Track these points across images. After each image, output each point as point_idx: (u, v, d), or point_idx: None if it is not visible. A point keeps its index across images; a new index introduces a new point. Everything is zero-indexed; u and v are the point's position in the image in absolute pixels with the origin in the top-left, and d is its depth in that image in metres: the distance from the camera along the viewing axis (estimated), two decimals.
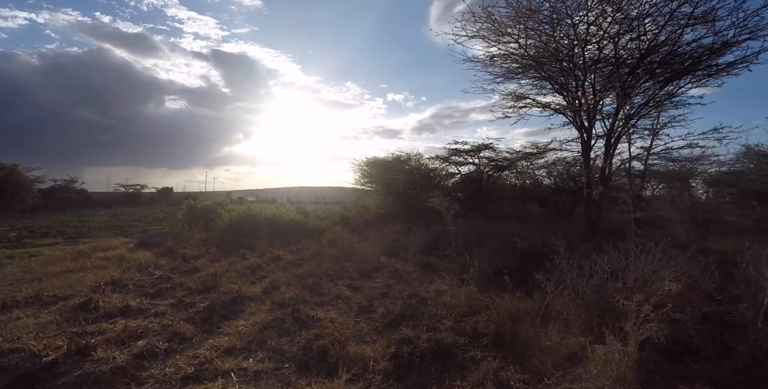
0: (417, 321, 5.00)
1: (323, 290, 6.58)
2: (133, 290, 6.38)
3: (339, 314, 5.39)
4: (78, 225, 19.33)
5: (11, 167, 16.87)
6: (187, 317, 5.18)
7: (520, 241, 7.32)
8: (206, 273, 7.27)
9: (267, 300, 5.90)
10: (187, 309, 5.54)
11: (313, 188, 76.54)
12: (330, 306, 5.79)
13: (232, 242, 10.65)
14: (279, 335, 4.63)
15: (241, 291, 6.19)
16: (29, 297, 5.92)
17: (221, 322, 5.11)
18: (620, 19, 8.78)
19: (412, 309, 5.37)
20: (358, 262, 8.43)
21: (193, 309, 5.50)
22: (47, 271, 8.15)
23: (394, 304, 5.68)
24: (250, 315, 5.38)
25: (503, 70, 11.10)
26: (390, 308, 5.50)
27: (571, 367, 3.58)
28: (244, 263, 8.16)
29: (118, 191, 41.12)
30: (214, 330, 4.85)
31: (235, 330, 4.78)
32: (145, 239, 11.13)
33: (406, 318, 5.13)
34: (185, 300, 5.91)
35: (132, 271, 7.45)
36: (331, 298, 6.16)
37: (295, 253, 9.61)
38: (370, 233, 11.33)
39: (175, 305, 5.74)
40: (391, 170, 14.99)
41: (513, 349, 4.06)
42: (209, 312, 5.40)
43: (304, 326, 4.85)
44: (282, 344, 4.38)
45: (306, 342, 4.33)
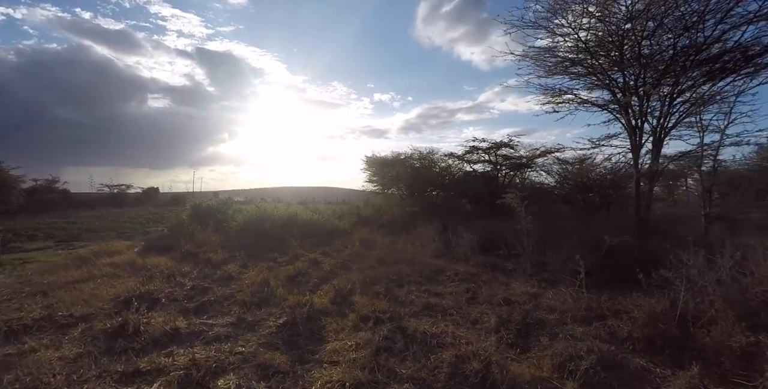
0: (546, 329, 4.28)
1: (400, 298, 5.52)
2: (169, 306, 5.06)
3: (455, 326, 4.36)
4: (66, 227, 17.52)
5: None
6: (265, 341, 3.95)
7: (608, 238, 6.33)
8: (251, 282, 5.99)
9: (348, 313, 4.78)
10: (255, 330, 4.30)
11: (299, 188, 74.74)
12: (428, 317, 4.75)
13: (253, 244, 9.32)
14: (400, 359, 3.53)
15: (305, 302, 4.96)
16: (40, 319, 4.54)
17: (310, 345, 3.95)
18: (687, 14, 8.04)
19: (528, 317, 4.54)
20: (411, 265, 7.32)
21: (264, 330, 4.26)
22: (49, 282, 6.71)
23: (500, 311, 4.79)
24: (338, 332, 4.27)
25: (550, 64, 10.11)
26: (503, 316, 4.59)
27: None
28: (285, 269, 6.90)
29: (102, 192, 38.67)
30: (309, 356, 3.67)
31: (339, 356, 3.63)
32: (155, 242, 9.69)
33: (531, 326, 4.36)
34: (246, 318, 4.64)
35: (157, 281, 6.09)
36: (419, 308, 5.10)
37: (331, 255, 8.39)
38: (401, 233, 10.18)
39: (236, 324, 4.47)
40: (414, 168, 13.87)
41: (665, 352, 3.72)
42: (289, 333, 4.18)
43: (424, 345, 3.79)
44: (417, 371, 3.28)
45: (448, 365, 3.31)
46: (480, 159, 15.28)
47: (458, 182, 14.22)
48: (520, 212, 7.30)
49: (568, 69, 10.25)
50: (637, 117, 9.55)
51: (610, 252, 6.51)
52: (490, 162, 15.11)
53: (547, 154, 14.56)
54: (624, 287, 6.07)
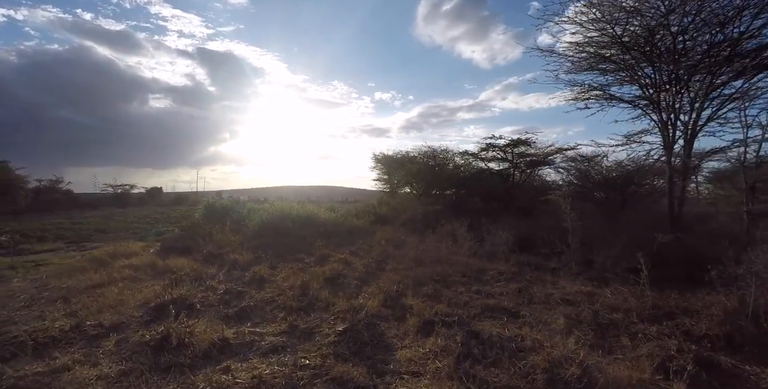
0: (620, 329, 4.14)
1: (453, 299, 5.15)
2: (205, 312, 4.59)
3: (526, 329, 4.06)
4: (74, 228, 16.96)
5: (0, 164, 14.42)
6: (329, 351, 3.49)
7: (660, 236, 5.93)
8: (289, 285, 5.53)
9: (408, 317, 4.40)
10: (311, 339, 3.86)
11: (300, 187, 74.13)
12: (491, 320, 4.42)
13: (275, 244, 8.83)
14: (484, 366, 3.18)
15: (359, 307, 4.53)
16: (67, 329, 4.06)
17: (379, 354, 3.54)
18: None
19: (599, 318, 4.37)
20: (449, 265, 6.91)
21: (323, 339, 3.81)
22: (68, 286, 6.23)
23: (565, 312, 4.61)
24: (402, 339, 3.91)
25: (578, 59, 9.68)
26: (571, 316, 4.43)
27: None
28: (319, 270, 6.41)
29: (106, 192, 37.98)
30: (383, 367, 3.27)
31: (417, 366, 3.27)
32: (171, 243, 9.19)
33: (604, 326, 4.22)
34: (299, 325, 4.18)
35: (186, 285, 5.61)
36: (479, 310, 4.74)
37: (360, 255, 7.93)
38: (425, 232, 9.72)
39: (289, 333, 4.01)
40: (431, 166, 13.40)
41: (745, 350, 3.62)
42: (352, 341, 3.74)
43: (503, 350, 3.45)
44: (510, 379, 2.94)
45: (543, 371, 3.00)
46: (495, 157, 14.85)
47: (475, 180, 13.76)
48: (565, 209, 6.88)
49: (597, 65, 9.82)
50: (669, 113, 9.13)
51: (659, 250, 6.12)
52: (506, 160, 14.67)
53: (562, 151, 14.16)
54: (679, 284, 5.78)
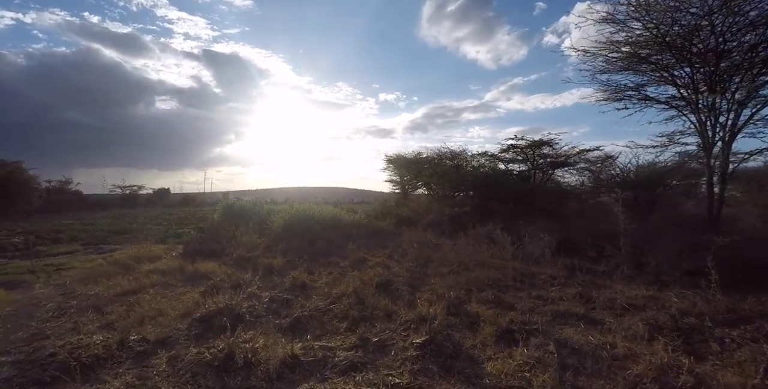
0: (704, 334, 3.76)
1: (516, 305, 4.77)
2: (256, 324, 4.12)
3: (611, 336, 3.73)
4: (87, 229, 16.47)
5: (14, 165, 13.94)
6: (415, 367, 3.09)
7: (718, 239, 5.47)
8: (339, 291, 5.07)
9: (481, 326, 4.03)
10: (388, 352, 3.44)
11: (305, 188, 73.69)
12: (568, 327, 4.06)
13: (304, 247, 8.36)
14: (588, 376, 2.94)
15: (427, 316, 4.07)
16: (110, 346, 3.58)
17: (468, 368, 3.15)
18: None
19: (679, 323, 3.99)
20: (493, 269, 6.44)
21: (401, 353, 3.39)
22: (96, 293, 5.76)
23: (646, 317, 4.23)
24: (482, 349, 3.54)
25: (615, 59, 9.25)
26: (649, 322, 4.05)
27: None
28: (365, 275, 5.93)
29: (115, 193, 37.48)
30: (482, 382, 2.92)
31: (516, 379, 2.93)
32: (195, 246, 8.72)
33: (687, 331, 3.83)
34: (369, 338, 3.71)
35: (225, 292, 5.12)
36: (549, 317, 4.36)
37: (395, 258, 7.46)
38: (457, 234, 9.25)
39: (362, 346, 3.55)
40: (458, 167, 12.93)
41: None
42: (437, 355, 3.33)
43: (597, 359, 3.18)
44: None
45: (652, 381, 2.79)
46: (516, 158, 14.38)
47: (499, 181, 13.28)
48: (618, 211, 6.42)
49: (634, 65, 9.37)
50: (707, 113, 8.70)
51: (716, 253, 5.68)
52: (527, 161, 14.20)
53: (585, 152, 13.72)
54: (742, 287, 5.39)
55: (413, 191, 18.56)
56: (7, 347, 3.91)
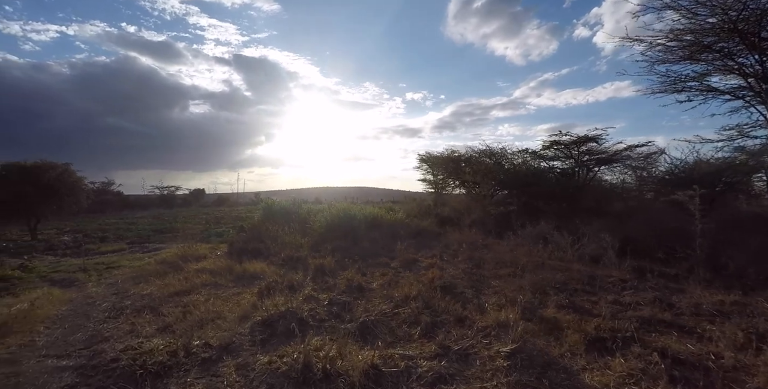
0: None
1: (594, 311, 4.34)
2: (321, 329, 3.82)
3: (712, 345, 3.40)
4: (130, 228, 16.73)
5: (64, 166, 14.22)
6: (510, 379, 2.76)
7: None
8: (400, 294, 4.73)
9: (566, 333, 3.64)
10: (472, 362, 3.12)
11: (334, 188, 73.86)
12: (658, 334, 3.65)
13: (349, 248, 8.07)
14: None
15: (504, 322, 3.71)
16: (175, 352, 3.33)
17: (566, 380, 2.82)
18: None
19: None
20: (555, 271, 6.00)
21: (490, 362, 3.06)
22: (149, 293, 5.60)
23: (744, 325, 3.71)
24: (572, 359, 3.14)
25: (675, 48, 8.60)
26: (747, 329, 3.64)
27: None
28: (419, 277, 5.57)
29: (153, 193, 38.43)
30: None
31: None
32: (240, 245, 8.55)
33: None
34: (450, 346, 3.37)
35: (282, 295, 4.85)
36: (637, 323, 3.90)
37: (445, 259, 7.06)
38: (504, 234, 8.77)
39: (444, 355, 3.20)
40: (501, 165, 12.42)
41: None
42: (529, 365, 3.00)
43: (703, 370, 2.86)
44: None
45: None
46: (559, 155, 13.73)
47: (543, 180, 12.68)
48: (694, 210, 5.86)
49: (695, 53, 8.69)
50: None
51: None
52: (570, 158, 13.54)
53: (633, 148, 12.95)
54: None
55: (451, 190, 18.07)
56: (67, 349, 3.74)
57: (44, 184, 13.43)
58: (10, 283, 6.84)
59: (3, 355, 3.60)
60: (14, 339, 3.98)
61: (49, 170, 13.85)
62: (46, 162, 14.23)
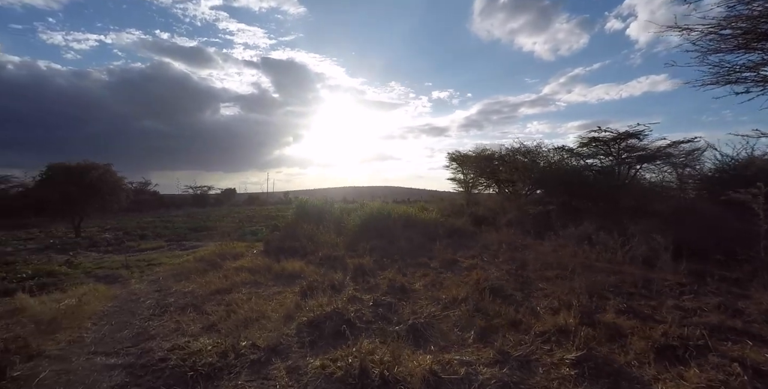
0: None
1: (656, 317, 3.99)
2: (368, 331, 3.64)
3: None
4: (167, 226, 17.09)
5: (105, 167, 14.67)
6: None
7: None
8: (447, 296, 4.53)
9: (630, 340, 3.36)
10: (533, 369, 2.95)
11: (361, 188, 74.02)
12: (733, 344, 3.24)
13: (386, 247, 7.89)
14: None
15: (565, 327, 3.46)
16: (222, 352, 3.21)
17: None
18: None
19: None
20: (605, 273, 5.66)
21: (555, 370, 2.89)
22: (191, 291, 5.56)
23: None
24: (639, 367, 2.87)
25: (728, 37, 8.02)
26: None
27: None
28: (462, 278, 5.34)
29: (187, 193, 39.42)
30: None
31: None
32: (276, 244, 8.51)
33: None
34: (509, 351, 3.14)
35: (324, 294, 4.71)
36: (707, 330, 3.53)
37: (485, 259, 6.78)
38: (544, 235, 8.41)
39: (504, 362, 2.97)
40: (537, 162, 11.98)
41: None
42: (597, 374, 2.80)
43: None
44: None
45: None
46: (597, 152, 13.15)
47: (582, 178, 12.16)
48: (758, 210, 5.42)
49: (750, 43, 8.08)
50: None
51: None
52: (610, 155, 12.94)
53: (678, 144, 12.27)
54: None
55: (483, 189, 17.64)
56: (115, 347, 3.69)
57: (87, 183, 13.86)
58: (57, 278, 6.98)
59: (54, 351, 3.58)
60: (64, 335, 3.97)
61: (91, 170, 14.29)
62: (89, 163, 14.70)
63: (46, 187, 13.92)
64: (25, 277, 7.06)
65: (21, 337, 3.75)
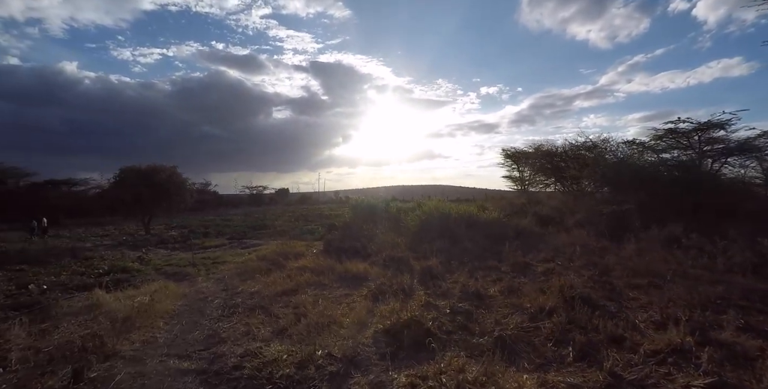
0: None
1: None
2: (451, 342, 3.26)
3: None
4: (227, 224, 17.57)
5: (171, 169, 15.40)
6: None
7: None
8: (533, 305, 4.04)
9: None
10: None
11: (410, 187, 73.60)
12: None
13: (450, 249, 7.45)
14: None
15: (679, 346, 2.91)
16: (299, 363, 2.95)
17: None
18: None
19: None
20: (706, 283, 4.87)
21: None
22: (256, 291, 5.45)
23: None
24: None
25: None
26: None
27: None
28: (542, 285, 4.82)
29: (244, 193, 40.88)
30: None
31: None
32: (335, 244, 8.32)
33: None
34: (622, 375, 2.66)
35: (398, 300, 4.38)
36: None
37: (558, 262, 6.18)
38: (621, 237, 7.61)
39: (617, 387, 2.49)
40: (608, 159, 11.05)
41: None
42: None
43: None
44: None
45: None
46: (674, 145, 11.91)
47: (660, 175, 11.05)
48: None
49: None
50: None
51: None
52: (689, 148, 11.68)
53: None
54: None
55: (543, 187, 16.69)
56: (187, 349, 3.55)
57: (156, 184, 14.52)
58: (130, 274, 7.17)
59: (128, 352, 3.49)
60: (138, 335, 3.90)
61: (159, 172, 15.00)
62: (157, 165, 15.45)
63: (119, 188, 14.78)
64: (101, 272, 7.32)
65: (98, 335, 3.71)
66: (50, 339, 3.71)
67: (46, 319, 4.44)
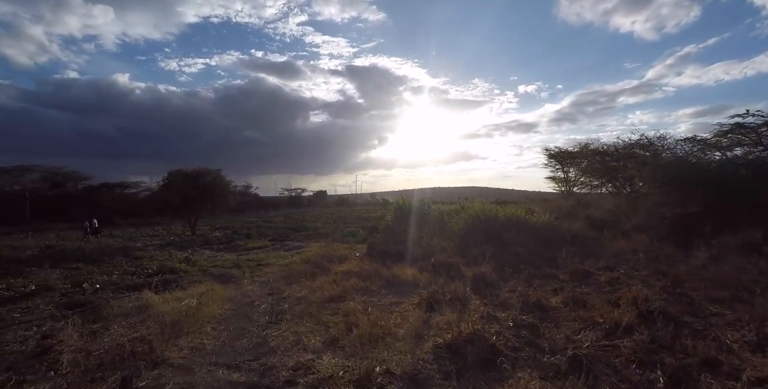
0: None
1: None
2: (519, 360, 2.90)
3: None
4: (269, 226, 17.73)
5: (216, 172, 15.75)
6: None
7: None
8: (604, 319, 3.61)
9: None
10: None
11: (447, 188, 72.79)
12: None
13: (499, 254, 7.00)
14: None
15: None
16: (356, 381, 2.68)
17: None
18: None
19: None
20: None
21: None
22: (302, 296, 5.26)
23: None
24: None
25: None
26: None
27: None
28: (606, 294, 4.34)
29: (283, 195, 41.61)
30: None
31: None
32: (380, 247, 8.07)
33: None
34: None
35: (454, 310, 4.05)
36: None
37: (622, 271, 5.63)
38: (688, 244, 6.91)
39: None
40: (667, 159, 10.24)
41: None
42: None
43: None
44: None
45: None
46: (741, 142, 10.87)
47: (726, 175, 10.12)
48: None
49: None
50: None
51: None
52: (759, 145, 10.61)
53: None
54: None
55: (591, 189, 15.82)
56: (236, 359, 3.37)
57: (202, 186, 14.86)
58: (178, 275, 7.19)
59: (177, 360, 3.34)
60: (186, 341, 3.77)
61: (205, 175, 15.36)
62: (202, 168, 15.82)
63: (168, 190, 15.24)
64: (150, 273, 7.39)
65: (147, 340, 3.60)
66: (101, 342, 3.63)
67: (97, 320, 4.40)
